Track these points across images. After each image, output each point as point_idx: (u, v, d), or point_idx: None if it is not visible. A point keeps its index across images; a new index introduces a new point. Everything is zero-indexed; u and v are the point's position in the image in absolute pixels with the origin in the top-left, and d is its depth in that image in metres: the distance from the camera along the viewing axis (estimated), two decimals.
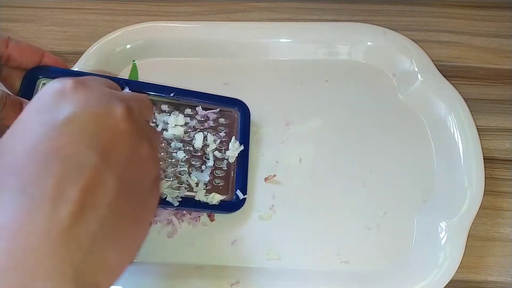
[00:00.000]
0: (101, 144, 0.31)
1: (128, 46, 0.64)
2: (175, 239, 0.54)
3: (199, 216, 0.55)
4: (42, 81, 0.49)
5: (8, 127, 0.45)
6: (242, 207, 0.54)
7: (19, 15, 0.70)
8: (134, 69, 0.64)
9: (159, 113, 0.54)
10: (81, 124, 0.31)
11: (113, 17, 0.69)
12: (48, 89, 0.33)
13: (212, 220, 0.55)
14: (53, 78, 0.48)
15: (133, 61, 0.65)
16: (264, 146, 0.59)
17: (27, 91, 0.48)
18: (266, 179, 0.57)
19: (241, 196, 0.54)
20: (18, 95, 0.48)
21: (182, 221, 0.55)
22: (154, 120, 0.53)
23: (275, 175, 0.57)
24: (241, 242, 0.54)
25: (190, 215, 0.55)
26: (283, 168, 0.58)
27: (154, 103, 0.53)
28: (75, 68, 0.60)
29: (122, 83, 0.52)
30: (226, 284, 0.51)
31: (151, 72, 0.64)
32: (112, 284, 0.31)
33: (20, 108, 0.45)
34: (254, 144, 0.59)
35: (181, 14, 0.70)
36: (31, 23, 0.69)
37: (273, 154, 0.59)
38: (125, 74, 0.64)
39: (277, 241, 0.54)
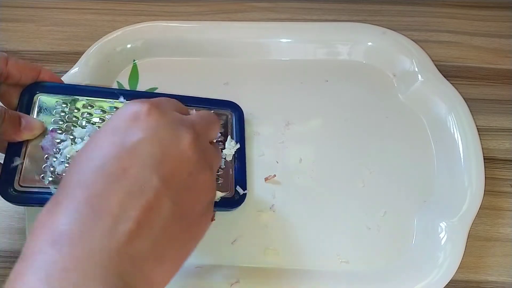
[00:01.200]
0: (165, 170, 0.34)
1: (129, 45, 0.64)
2: None
3: None
4: (39, 96, 0.50)
5: (7, 142, 0.46)
6: (243, 204, 0.54)
7: (19, 15, 0.69)
8: (135, 69, 0.64)
9: None
10: (149, 149, 0.34)
11: (113, 17, 0.69)
12: (125, 111, 0.36)
13: (212, 219, 0.55)
14: (50, 93, 0.50)
15: (134, 60, 0.65)
16: (264, 146, 0.59)
17: (25, 106, 0.49)
18: (266, 179, 0.57)
19: (241, 191, 0.54)
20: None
21: None
22: None
23: (275, 175, 0.57)
24: (241, 242, 0.54)
25: None
26: (283, 168, 0.58)
27: None
28: (76, 68, 0.60)
29: (117, 93, 0.53)
30: (226, 284, 0.51)
31: (151, 72, 0.64)
32: None
33: (19, 123, 0.46)
34: (254, 144, 0.59)
35: (181, 14, 0.70)
36: (31, 23, 0.69)
37: (273, 154, 0.59)
38: (125, 74, 0.64)
39: (277, 240, 0.54)
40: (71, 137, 0.49)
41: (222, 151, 0.55)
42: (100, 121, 0.52)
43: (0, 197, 0.45)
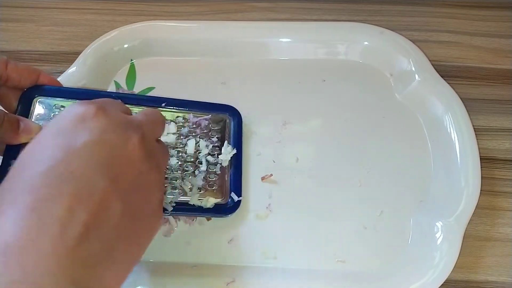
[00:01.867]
0: (113, 171, 0.33)
1: (126, 45, 0.64)
2: (172, 238, 0.54)
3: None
4: (38, 99, 0.50)
5: (5, 144, 0.46)
6: (238, 209, 0.54)
7: (19, 15, 0.70)
8: (132, 68, 0.65)
9: None
10: (96, 151, 0.33)
11: (112, 17, 0.70)
12: (70, 112, 0.36)
13: (208, 219, 0.55)
14: (49, 96, 0.51)
15: (131, 60, 0.65)
16: (261, 145, 0.59)
17: (24, 109, 0.49)
18: (262, 178, 0.57)
19: (235, 198, 0.54)
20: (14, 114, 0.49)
21: (179, 220, 0.55)
22: None
23: (271, 175, 0.57)
24: (237, 241, 0.54)
25: None
26: (280, 167, 0.58)
27: None
28: (73, 67, 0.61)
29: (114, 97, 0.53)
30: (222, 283, 0.51)
31: (148, 71, 0.65)
32: None
33: (17, 126, 0.46)
34: (251, 143, 0.59)
35: (181, 14, 0.70)
36: (31, 23, 0.69)
37: (270, 154, 0.59)
38: (123, 73, 0.64)
39: (274, 240, 0.54)
40: None
41: (218, 157, 0.55)
42: None
43: None
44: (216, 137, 0.56)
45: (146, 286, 0.50)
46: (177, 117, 0.56)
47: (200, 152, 0.55)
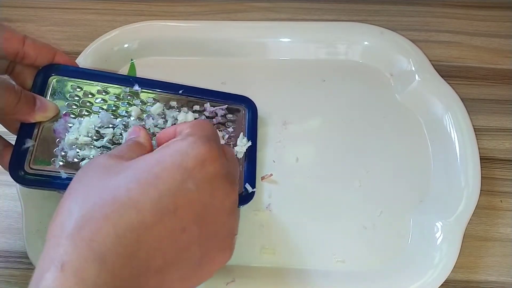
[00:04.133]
0: (205, 219, 0.37)
1: (126, 45, 0.64)
2: None
3: None
4: (54, 78, 0.50)
5: (20, 122, 0.47)
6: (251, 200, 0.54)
7: (19, 15, 0.70)
8: (132, 68, 0.64)
9: (168, 109, 0.54)
10: (201, 196, 0.37)
11: (113, 17, 0.69)
12: (196, 149, 0.38)
13: None
14: (65, 76, 0.51)
15: (131, 60, 0.65)
16: (261, 145, 0.59)
17: (40, 88, 0.49)
18: (262, 178, 0.57)
19: (250, 189, 0.53)
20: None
21: None
22: (163, 116, 0.53)
23: (271, 174, 0.57)
24: (237, 241, 0.52)
25: None
26: (280, 167, 0.58)
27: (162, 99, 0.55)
28: None
29: (132, 80, 0.53)
30: (222, 283, 0.51)
31: (149, 71, 0.64)
32: None
33: (33, 104, 0.46)
34: None
35: (181, 14, 0.70)
36: (31, 23, 0.69)
37: (270, 153, 0.59)
38: (123, 73, 0.64)
39: (273, 240, 0.54)
40: (89, 117, 0.50)
41: (233, 148, 0.55)
42: (114, 108, 0.52)
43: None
44: (232, 128, 0.56)
45: None
46: (194, 105, 0.55)
47: None
